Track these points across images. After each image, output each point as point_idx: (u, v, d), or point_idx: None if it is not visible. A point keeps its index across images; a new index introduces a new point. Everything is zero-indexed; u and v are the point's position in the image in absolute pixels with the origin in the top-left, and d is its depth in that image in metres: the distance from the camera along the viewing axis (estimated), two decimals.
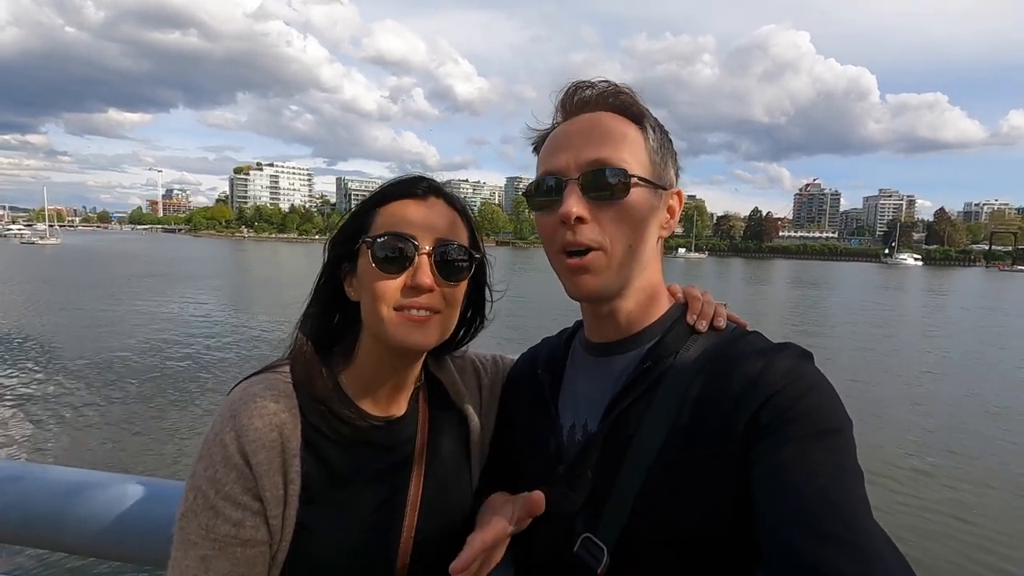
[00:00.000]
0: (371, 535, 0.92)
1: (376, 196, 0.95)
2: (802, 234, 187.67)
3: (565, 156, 0.86)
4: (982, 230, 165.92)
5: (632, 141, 0.87)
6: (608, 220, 0.84)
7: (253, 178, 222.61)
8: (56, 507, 1.16)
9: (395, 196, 0.94)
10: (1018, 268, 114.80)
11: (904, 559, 0.58)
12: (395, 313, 0.89)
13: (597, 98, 0.89)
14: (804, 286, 51.85)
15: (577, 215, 0.82)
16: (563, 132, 0.90)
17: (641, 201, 0.86)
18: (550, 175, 0.87)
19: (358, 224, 0.94)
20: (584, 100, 0.90)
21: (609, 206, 0.84)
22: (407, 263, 0.89)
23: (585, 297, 0.89)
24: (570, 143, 0.87)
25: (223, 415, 0.87)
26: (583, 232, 0.84)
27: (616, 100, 0.89)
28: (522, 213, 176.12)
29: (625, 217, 0.85)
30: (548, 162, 0.89)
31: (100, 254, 64.16)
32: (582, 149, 0.85)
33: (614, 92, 0.89)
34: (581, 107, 0.90)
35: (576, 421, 0.94)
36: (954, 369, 16.81)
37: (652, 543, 0.78)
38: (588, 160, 0.84)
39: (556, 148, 0.89)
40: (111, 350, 15.18)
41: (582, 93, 0.90)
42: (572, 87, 0.91)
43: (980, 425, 11.27)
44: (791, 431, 0.70)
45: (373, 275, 0.89)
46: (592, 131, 0.87)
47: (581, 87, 0.90)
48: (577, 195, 0.83)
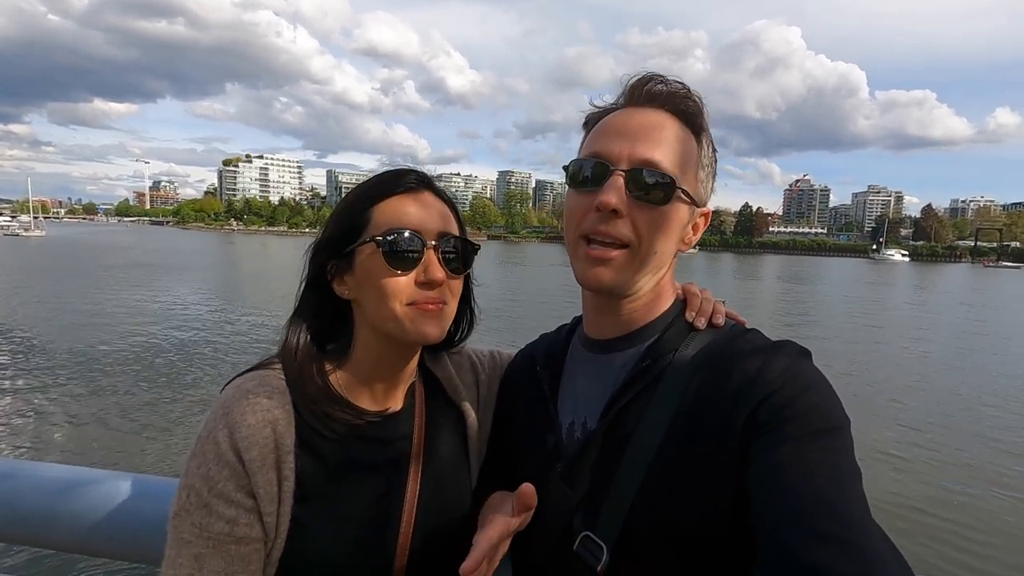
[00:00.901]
0: (368, 532, 0.91)
1: (369, 193, 0.94)
2: (792, 229, 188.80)
3: (620, 145, 0.84)
4: (968, 226, 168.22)
5: (687, 152, 0.86)
6: (643, 221, 0.83)
7: (242, 170, 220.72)
8: (48, 504, 1.15)
9: (389, 192, 0.93)
10: (1004, 264, 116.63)
11: (903, 558, 0.58)
12: (409, 308, 0.89)
13: (667, 96, 0.87)
14: (794, 281, 52.32)
15: (615, 207, 0.81)
16: (623, 119, 0.87)
17: (678, 212, 0.86)
18: (599, 158, 0.85)
19: (353, 222, 0.93)
20: (654, 94, 0.87)
21: (647, 208, 0.83)
22: (417, 259, 0.90)
23: (596, 289, 0.88)
24: (628, 133, 0.85)
25: (216, 412, 0.86)
26: (616, 226, 0.83)
27: (684, 105, 0.87)
28: (514, 207, 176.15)
29: (660, 223, 0.84)
30: (600, 144, 0.87)
31: (87, 246, 63.30)
32: (638, 144, 0.84)
33: (684, 96, 0.87)
34: (649, 100, 0.88)
35: (575, 418, 0.94)
36: (936, 363, 17.08)
37: (651, 541, 0.78)
38: (642, 158, 0.83)
39: (613, 133, 0.87)
40: (101, 345, 15.00)
41: (654, 86, 0.88)
42: (646, 76, 0.89)
43: (962, 418, 11.47)
44: (789, 430, 0.70)
45: (382, 272, 0.89)
46: (652, 129, 0.85)
47: (655, 80, 0.88)
48: (620, 187, 0.82)
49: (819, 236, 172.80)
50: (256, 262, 52.28)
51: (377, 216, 0.91)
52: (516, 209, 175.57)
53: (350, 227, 0.93)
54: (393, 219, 0.91)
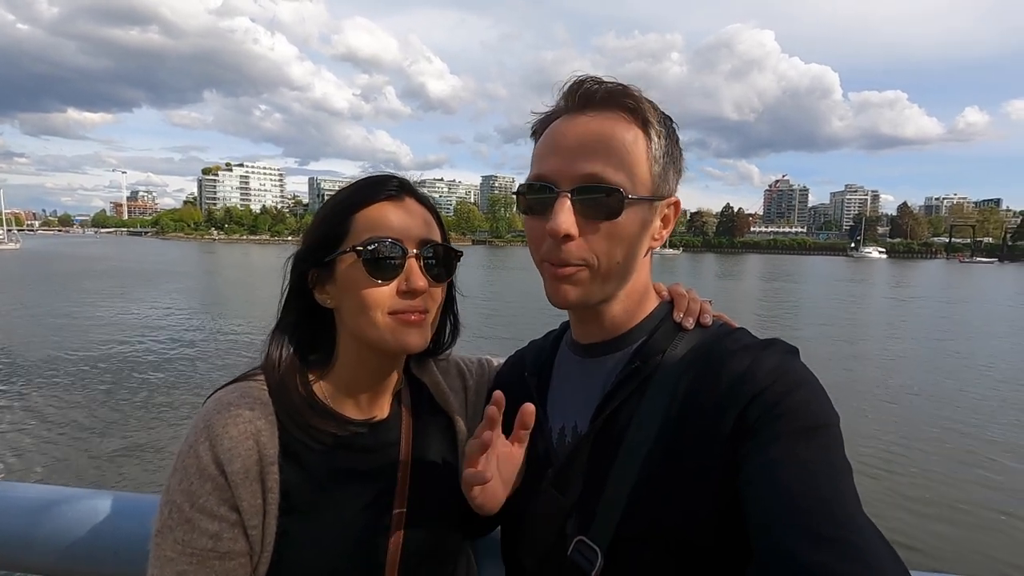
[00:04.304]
0: (357, 542, 0.90)
1: (349, 200, 0.92)
2: (773, 229, 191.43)
3: (559, 163, 0.82)
4: (943, 223, 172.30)
5: (633, 151, 0.82)
6: (597, 238, 0.82)
7: (222, 179, 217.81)
8: (25, 525, 1.12)
9: (370, 199, 0.91)
10: (977, 260, 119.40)
11: (896, 553, 0.58)
12: (390, 318, 0.88)
13: (603, 96, 0.84)
14: (776, 280, 52.92)
15: (566, 232, 0.80)
16: (560, 133, 0.85)
17: (634, 220, 0.83)
18: (543, 181, 0.84)
19: (333, 231, 0.91)
20: (589, 95, 0.84)
21: (600, 224, 0.81)
22: (399, 268, 0.88)
23: (564, 307, 0.88)
24: (566, 148, 0.82)
25: (196, 426, 0.85)
26: (569, 250, 0.82)
27: (621, 101, 0.84)
28: (498, 212, 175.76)
29: (614, 236, 0.82)
30: (542, 164, 0.85)
31: (63, 258, 61.84)
32: (577, 159, 0.81)
33: (620, 92, 0.84)
34: (585, 102, 0.85)
35: (565, 423, 0.93)
36: (912, 356, 17.36)
37: (645, 543, 0.77)
38: (582, 174, 0.80)
39: (552, 150, 0.84)
40: (78, 360, 14.61)
41: (588, 87, 0.85)
42: (579, 80, 0.86)
43: (938, 408, 11.66)
44: (779, 428, 0.70)
45: (363, 282, 0.87)
46: (591, 138, 0.82)
47: (588, 81, 0.85)
48: (567, 210, 0.80)
49: (799, 235, 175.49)
50: (238, 272, 51.52)
51: (357, 224, 0.90)
52: (500, 214, 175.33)
53: (330, 236, 0.91)
54: (374, 227, 0.89)
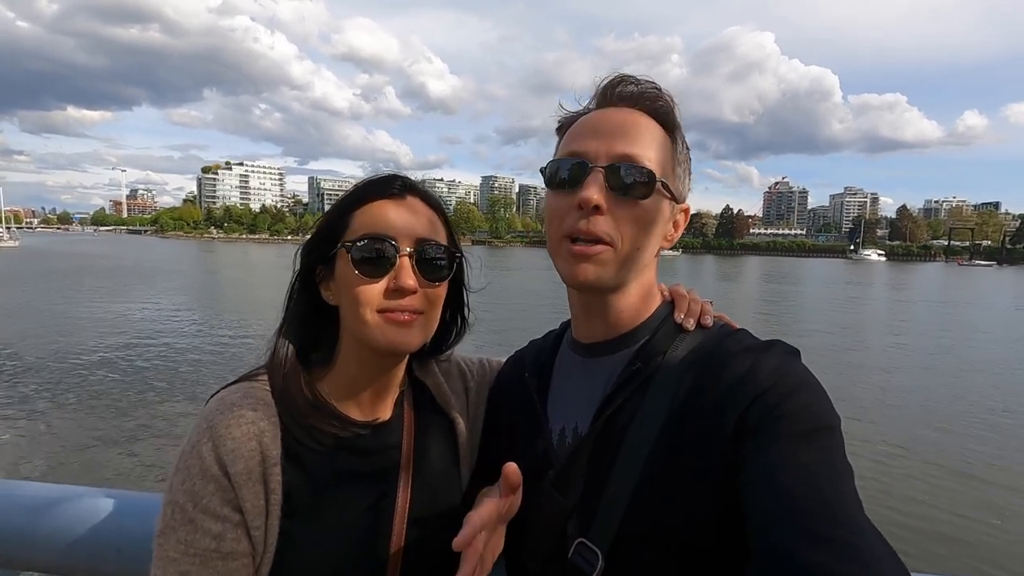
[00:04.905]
0: (359, 544, 0.90)
1: (351, 198, 0.93)
2: (772, 231, 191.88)
3: (596, 143, 0.85)
4: (941, 226, 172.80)
5: (663, 148, 0.87)
6: (624, 217, 0.83)
7: (222, 177, 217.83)
8: (28, 524, 1.12)
9: (371, 197, 0.92)
10: (976, 263, 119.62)
11: (897, 555, 0.58)
12: (378, 316, 0.88)
13: (639, 96, 0.88)
14: (775, 281, 53.06)
15: (596, 203, 0.81)
16: (598, 119, 0.88)
17: (658, 207, 0.86)
18: (577, 157, 0.85)
19: (334, 227, 0.92)
20: (625, 95, 0.88)
21: (628, 204, 0.83)
22: (388, 266, 0.88)
23: (581, 285, 0.87)
24: (605, 131, 0.85)
25: (199, 426, 0.85)
26: (597, 223, 0.82)
27: (655, 104, 0.88)
28: (497, 212, 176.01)
29: (641, 218, 0.84)
30: (577, 143, 0.87)
31: (62, 256, 61.78)
32: (615, 140, 0.84)
33: (655, 96, 0.88)
34: (621, 101, 0.89)
35: (566, 424, 0.93)
36: (911, 358, 17.40)
37: (645, 544, 0.77)
38: (619, 153, 0.83)
39: (588, 132, 0.87)
40: (80, 359, 14.60)
41: (625, 87, 0.89)
42: (617, 78, 0.89)
43: (937, 411, 11.69)
44: (780, 430, 0.70)
45: (354, 279, 0.88)
46: (628, 126, 0.86)
47: (626, 81, 0.89)
48: (600, 184, 0.82)
49: (799, 237, 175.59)
50: (237, 271, 51.50)
51: (355, 221, 0.90)
52: (500, 214, 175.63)
53: (331, 231, 0.92)
54: (370, 224, 0.89)
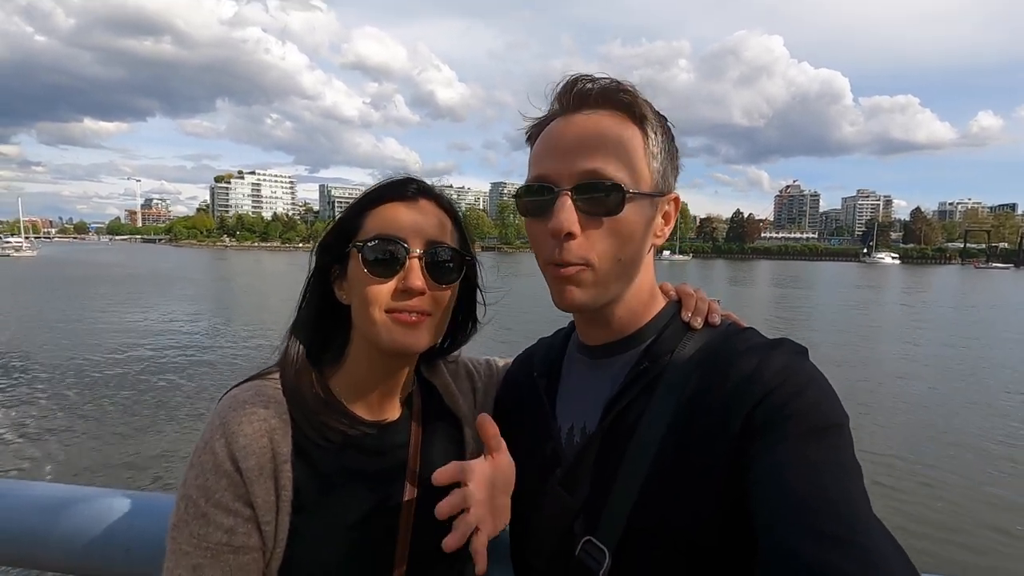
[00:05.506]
0: (366, 542, 0.91)
1: (365, 199, 0.94)
2: (783, 235, 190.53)
3: (558, 164, 0.82)
4: (957, 228, 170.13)
5: (631, 147, 0.82)
6: (599, 235, 0.81)
7: (234, 186, 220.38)
8: (41, 524, 1.14)
9: (384, 199, 0.93)
10: (993, 265, 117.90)
11: (906, 555, 0.57)
12: (386, 316, 0.89)
13: (598, 94, 0.84)
14: (786, 285, 52.59)
15: (568, 230, 0.79)
16: (557, 133, 0.84)
17: (635, 216, 0.82)
18: (542, 182, 0.83)
19: (347, 228, 0.94)
20: (583, 94, 0.84)
21: (602, 221, 0.81)
22: (398, 266, 0.89)
23: (569, 309, 0.87)
24: (564, 148, 0.82)
25: (212, 423, 0.87)
26: (571, 249, 0.81)
27: (617, 98, 0.83)
28: (507, 218, 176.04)
29: (617, 233, 0.82)
30: (541, 165, 0.85)
31: (79, 264, 62.76)
32: (576, 157, 0.81)
33: (615, 89, 0.84)
34: (580, 102, 0.84)
35: (574, 423, 0.93)
36: (924, 364, 17.15)
37: (653, 543, 0.77)
38: (582, 170, 0.80)
39: (549, 151, 0.84)
40: (93, 362, 14.81)
41: (582, 86, 0.84)
42: (572, 79, 0.85)
43: (953, 414, 11.51)
44: (788, 428, 0.69)
45: (364, 279, 0.89)
46: (588, 136, 0.82)
47: (581, 80, 0.85)
48: (568, 208, 0.80)
49: (810, 241, 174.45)
50: (250, 278, 51.99)
51: (369, 222, 0.92)
52: (510, 220, 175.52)
53: (345, 231, 0.93)
54: (382, 225, 0.90)
